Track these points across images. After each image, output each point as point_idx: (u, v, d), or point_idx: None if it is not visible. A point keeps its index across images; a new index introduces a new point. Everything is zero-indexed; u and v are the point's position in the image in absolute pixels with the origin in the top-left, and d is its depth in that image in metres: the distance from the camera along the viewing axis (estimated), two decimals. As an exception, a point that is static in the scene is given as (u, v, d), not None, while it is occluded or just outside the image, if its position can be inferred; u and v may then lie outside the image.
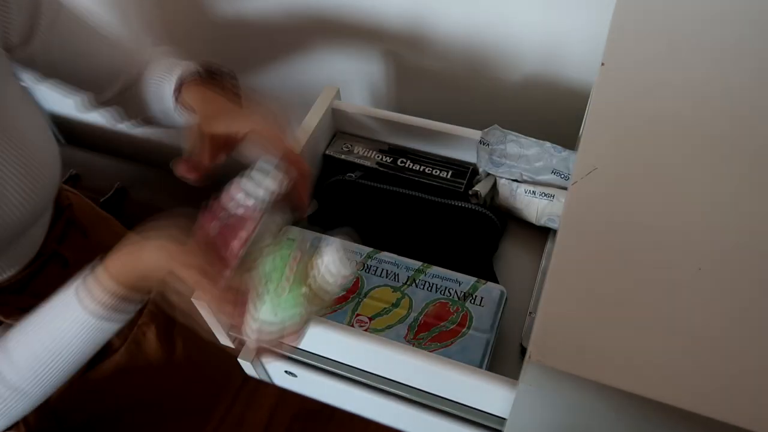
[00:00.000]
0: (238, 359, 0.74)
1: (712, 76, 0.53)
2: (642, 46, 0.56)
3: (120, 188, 1.22)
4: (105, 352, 0.78)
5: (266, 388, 0.80)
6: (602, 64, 0.55)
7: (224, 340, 0.66)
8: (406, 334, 0.58)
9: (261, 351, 0.65)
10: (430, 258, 0.63)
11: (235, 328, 0.56)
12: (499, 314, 0.59)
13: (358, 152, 0.76)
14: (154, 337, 0.83)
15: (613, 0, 0.59)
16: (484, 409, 0.56)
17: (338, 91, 0.77)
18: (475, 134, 0.70)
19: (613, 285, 0.42)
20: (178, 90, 0.66)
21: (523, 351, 0.61)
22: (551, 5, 0.76)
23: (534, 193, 0.67)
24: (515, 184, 0.68)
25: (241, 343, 0.69)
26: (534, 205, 0.68)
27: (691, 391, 0.37)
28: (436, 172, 0.73)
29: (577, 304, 0.41)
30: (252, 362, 0.74)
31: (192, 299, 0.56)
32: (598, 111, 0.52)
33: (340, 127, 0.79)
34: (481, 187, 0.69)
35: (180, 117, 0.69)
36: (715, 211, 0.45)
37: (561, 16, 0.77)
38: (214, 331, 0.65)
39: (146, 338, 0.82)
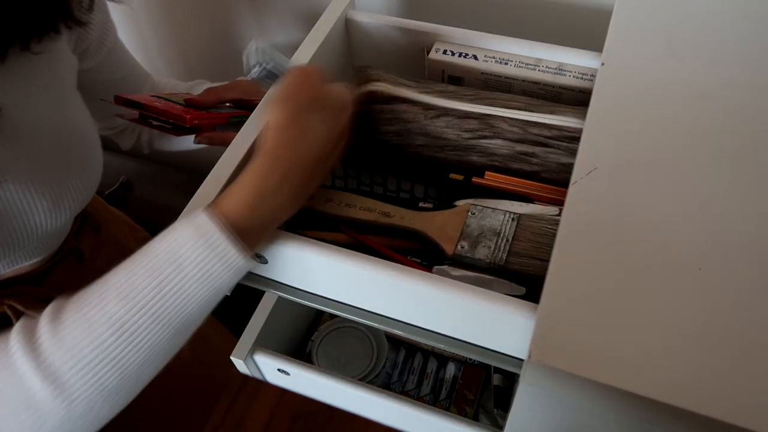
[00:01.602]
0: (231, 358, 0.74)
1: (713, 76, 0.53)
2: (642, 46, 0.56)
3: (125, 182, 1.22)
4: None
5: (266, 388, 0.80)
6: (602, 64, 0.55)
7: None
8: None
9: None
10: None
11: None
12: None
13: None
14: None
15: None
16: (499, 349, 0.51)
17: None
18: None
19: (613, 285, 0.42)
20: None
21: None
22: None
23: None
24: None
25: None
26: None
27: (691, 391, 0.37)
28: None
29: (577, 303, 0.41)
30: (245, 360, 0.74)
31: None
32: (598, 111, 0.52)
33: (357, 45, 0.73)
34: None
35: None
36: (716, 210, 0.45)
37: None
38: None
39: None
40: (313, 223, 0.60)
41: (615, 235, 0.44)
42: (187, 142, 0.83)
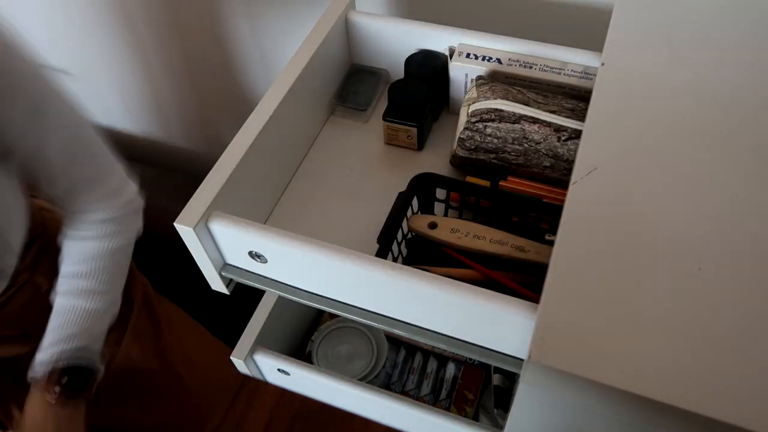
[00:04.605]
0: (231, 357, 0.74)
1: (713, 76, 0.53)
2: (642, 46, 0.56)
3: None
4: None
5: (266, 388, 0.81)
6: (602, 64, 0.55)
7: (217, 285, 0.61)
8: None
9: None
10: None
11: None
12: None
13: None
14: (140, 355, 0.82)
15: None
16: (499, 349, 0.51)
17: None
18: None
19: (613, 285, 0.42)
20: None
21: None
22: None
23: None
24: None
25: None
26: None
27: (691, 391, 0.37)
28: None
29: (577, 303, 0.41)
30: (245, 360, 0.74)
31: None
32: (598, 111, 0.52)
33: (357, 46, 0.73)
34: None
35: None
36: (716, 210, 0.45)
37: None
38: (205, 273, 0.60)
39: (131, 357, 0.81)
40: (436, 255, 0.57)
41: (615, 235, 0.44)
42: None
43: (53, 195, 0.67)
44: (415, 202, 0.60)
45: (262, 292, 0.79)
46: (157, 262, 0.98)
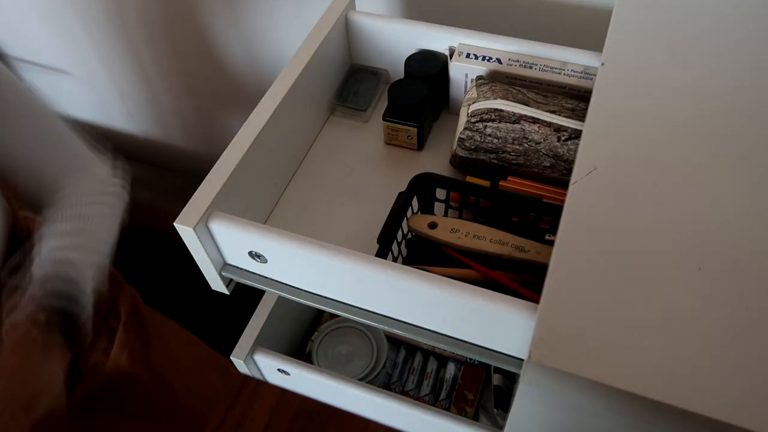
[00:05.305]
0: (231, 357, 0.74)
1: (712, 76, 0.53)
2: (642, 46, 0.56)
3: None
4: (78, 375, 0.78)
5: (266, 388, 0.81)
6: (602, 64, 0.55)
7: (217, 285, 0.61)
8: None
9: None
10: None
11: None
12: None
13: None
14: (128, 363, 0.82)
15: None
16: (499, 349, 0.51)
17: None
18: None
19: (613, 285, 0.42)
20: None
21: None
22: None
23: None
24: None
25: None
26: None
27: (691, 391, 0.37)
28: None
29: (577, 304, 0.41)
30: (245, 360, 0.74)
31: None
32: (598, 111, 0.52)
33: (357, 46, 0.73)
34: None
35: None
36: (716, 210, 0.45)
37: None
38: (205, 273, 0.60)
39: (119, 365, 0.81)
40: (435, 255, 0.57)
41: (615, 236, 0.44)
42: None
43: (28, 190, 0.66)
44: (415, 202, 0.60)
45: (260, 294, 0.79)
46: (153, 266, 0.98)
